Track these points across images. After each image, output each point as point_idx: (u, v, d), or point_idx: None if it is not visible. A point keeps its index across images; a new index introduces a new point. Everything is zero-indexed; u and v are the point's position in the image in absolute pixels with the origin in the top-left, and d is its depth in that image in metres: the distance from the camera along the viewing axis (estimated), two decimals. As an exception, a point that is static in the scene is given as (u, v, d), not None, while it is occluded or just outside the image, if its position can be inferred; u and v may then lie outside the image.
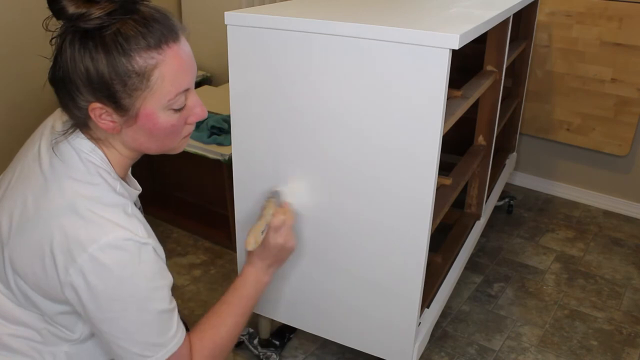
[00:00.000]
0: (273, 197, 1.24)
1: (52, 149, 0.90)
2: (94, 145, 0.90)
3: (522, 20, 2.23)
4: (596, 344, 1.69)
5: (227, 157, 1.88)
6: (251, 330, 1.60)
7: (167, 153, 0.98)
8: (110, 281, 0.84)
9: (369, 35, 1.09)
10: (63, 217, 0.85)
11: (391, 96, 1.12)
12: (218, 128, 2.01)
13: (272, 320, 1.58)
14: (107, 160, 0.92)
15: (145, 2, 0.86)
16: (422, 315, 1.42)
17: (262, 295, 1.17)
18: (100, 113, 0.85)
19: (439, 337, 1.69)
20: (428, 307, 1.46)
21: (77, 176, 0.88)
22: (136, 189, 1.03)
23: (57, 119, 0.96)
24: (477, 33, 1.16)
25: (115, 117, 0.86)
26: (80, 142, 0.90)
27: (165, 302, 0.91)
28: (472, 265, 2.04)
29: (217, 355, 1.05)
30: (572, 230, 2.31)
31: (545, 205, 2.50)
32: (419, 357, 1.41)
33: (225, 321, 1.10)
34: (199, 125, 2.06)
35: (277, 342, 1.60)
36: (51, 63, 0.86)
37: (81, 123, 0.89)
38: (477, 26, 1.15)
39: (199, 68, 2.96)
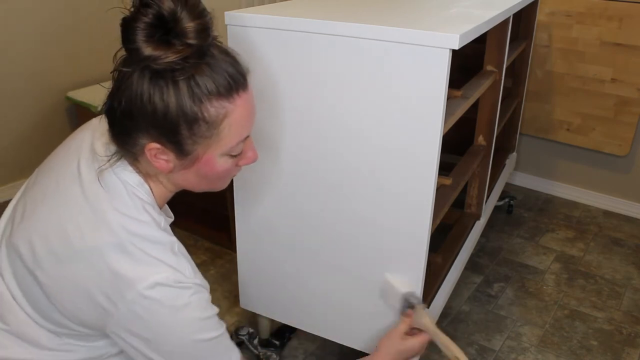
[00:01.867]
0: (415, 303, 1.20)
1: (97, 177, 0.86)
2: (141, 179, 0.87)
3: (522, 20, 2.23)
4: (596, 344, 1.69)
5: (227, 157, 1.87)
6: (251, 330, 1.60)
7: (211, 191, 0.97)
8: (161, 315, 0.82)
9: (369, 35, 1.09)
10: (112, 255, 0.82)
11: (391, 96, 1.12)
12: (218, 128, 2.01)
13: (272, 320, 1.58)
14: (152, 195, 0.89)
15: (217, 43, 0.82)
16: (422, 315, 1.42)
17: None
18: (156, 153, 0.83)
19: (439, 337, 1.69)
20: (428, 307, 1.46)
21: (124, 210, 0.84)
22: (169, 216, 1.01)
23: (97, 139, 0.92)
24: (477, 33, 1.16)
25: (172, 158, 0.84)
26: (128, 175, 0.87)
27: (215, 330, 0.89)
28: (472, 265, 2.04)
29: None
30: (572, 230, 2.31)
31: (545, 205, 2.50)
32: (419, 357, 1.41)
33: None
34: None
35: (277, 342, 1.60)
36: (109, 93, 0.82)
37: (130, 156, 0.86)
38: (477, 26, 1.15)
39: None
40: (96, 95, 2.40)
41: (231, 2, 2.68)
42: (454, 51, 1.05)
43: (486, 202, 1.91)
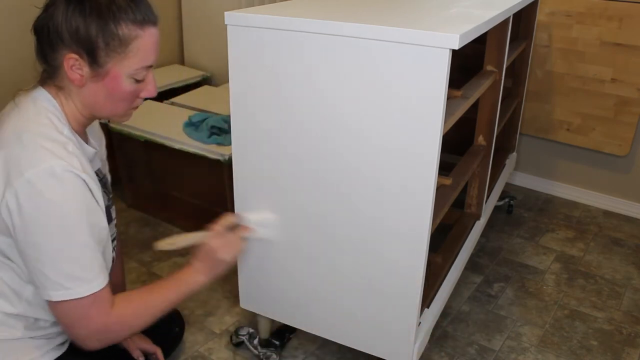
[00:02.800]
0: (234, 218, 1.27)
1: (14, 100, 1.02)
2: (50, 96, 1.01)
3: (522, 20, 2.23)
4: (596, 344, 1.69)
5: (227, 157, 1.88)
6: (251, 330, 1.60)
7: (113, 119, 1.12)
8: (40, 204, 0.92)
9: (369, 35, 1.09)
10: (8, 147, 0.95)
11: (391, 96, 1.12)
12: (218, 128, 2.01)
13: (272, 320, 1.58)
14: (60, 108, 1.02)
15: None
16: (422, 315, 1.42)
17: (194, 290, 1.21)
18: (73, 64, 0.97)
19: (439, 337, 1.69)
20: (428, 307, 1.46)
21: (26, 116, 0.99)
22: (93, 147, 1.11)
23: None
24: (477, 33, 1.16)
25: (86, 70, 0.98)
26: (39, 92, 1.02)
27: (90, 237, 0.98)
28: (472, 265, 2.04)
29: (132, 324, 1.09)
30: (572, 230, 2.31)
31: (545, 205, 2.50)
32: (419, 357, 1.41)
33: (155, 291, 1.14)
34: (198, 125, 2.06)
35: (277, 342, 1.60)
36: (40, 12, 0.97)
37: (50, 71, 1.01)
38: (477, 26, 1.15)
39: (199, 68, 2.95)
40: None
41: (231, 2, 2.68)
42: (454, 51, 1.05)
43: (486, 202, 1.91)
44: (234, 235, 1.24)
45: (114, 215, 1.19)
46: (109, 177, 1.23)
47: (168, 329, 1.51)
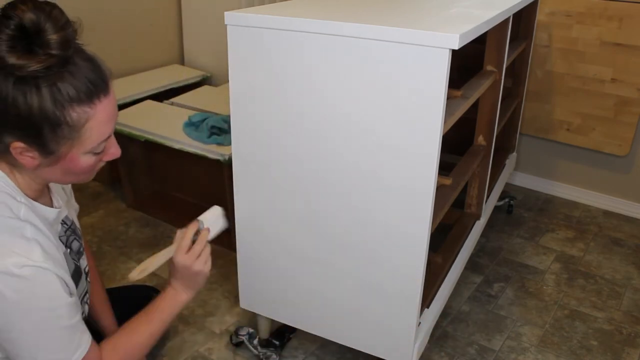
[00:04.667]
0: (192, 227, 1.23)
1: None
2: (1, 173, 0.92)
3: (522, 20, 2.23)
4: (596, 344, 1.69)
5: (227, 157, 1.88)
6: (251, 330, 1.60)
7: (76, 182, 1.03)
8: (6, 307, 0.86)
9: (369, 35, 1.09)
10: None
11: (391, 96, 1.12)
12: (218, 128, 2.01)
13: (272, 320, 1.58)
14: (12, 184, 0.93)
15: (80, 49, 0.88)
16: (422, 315, 1.42)
17: (178, 311, 1.19)
18: (21, 151, 0.88)
19: (439, 337, 1.69)
20: (428, 307, 1.46)
21: None
22: (55, 206, 1.05)
23: None
24: (477, 33, 1.16)
25: (37, 156, 0.89)
26: None
27: (64, 319, 0.94)
28: (472, 265, 2.04)
29: None
30: (572, 230, 2.31)
31: (545, 205, 2.50)
32: (419, 357, 1.41)
33: (140, 330, 1.12)
34: (198, 125, 2.06)
35: (277, 342, 1.60)
36: None
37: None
38: (477, 26, 1.15)
39: (199, 68, 2.96)
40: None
41: (231, 2, 2.68)
42: (454, 51, 1.05)
43: (486, 202, 1.91)
44: (199, 243, 1.20)
45: (84, 264, 1.14)
46: (76, 219, 1.18)
47: (146, 294, 1.53)
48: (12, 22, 0.81)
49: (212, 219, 1.26)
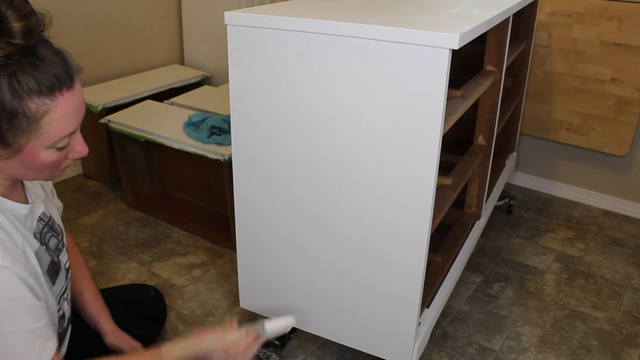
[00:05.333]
0: (249, 326, 1.16)
1: None
2: None
3: (522, 20, 2.23)
4: (596, 344, 1.69)
5: (227, 157, 1.88)
6: (251, 330, 1.60)
7: (42, 180, 1.00)
8: None
9: (369, 35, 1.09)
10: None
11: (391, 96, 1.12)
12: (218, 128, 2.01)
13: (272, 320, 1.58)
14: None
15: (45, 42, 0.86)
16: (422, 315, 1.42)
17: None
18: None
19: (439, 337, 1.69)
20: (428, 307, 1.46)
21: None
22: (28, 199, 1.02)
23: None
24: (477, 33, 1.16)
25: None
26: None
27: (23, 323, 0.90)
28: (472, 265, 2.04)
29: None
30: (572, 230, 2.31)
31: (545, 205, 2.50)
32: (419, 357, 1.41)
33: None
34: (198, 125, 2.06)
35: (277, 342, 1.60)
36: None
37: None
38: (477, 26, 1.15)
39: (199, 68, 2.96)
40: (97, 95, 2.39)
41: (231, 2, 2.68)
42: (454, 51, 1.05)
43: (486, 202, 1.91)
44: (248, 343, 1.11)
45: (64, 260, 1.12)
46: (56, 216, 1.15)
47: (143, 292, 1.53)
48: None
49: (278, 330, 1.17)
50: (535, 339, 1.70)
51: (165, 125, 2.12)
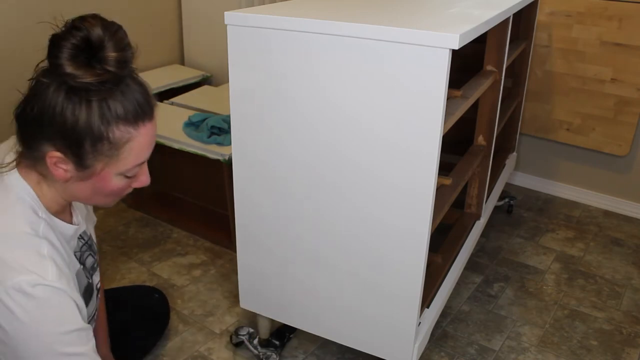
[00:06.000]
0: None
1: None
2: (28, 185, 0.92)
3: (522, 20, 2.23)
4: (596, 344, 1.69)
5: (227, 157, 1.88)
6: (251, 330, 1.60)
7: (101, 206, 1.01)
8: (14, 324, 0.84)
9: (369, 35, 1.09)
10: None
11: (391, 96, 1.12)
12: (218, 128, 2.01)
13: (272, 320, 1.58)
14: (36, 198, 0.93)
15: (135, 75, 0.90)
16: (422, 315, 1.42)
17: None
18: (57, 161, 0.89)
19: (439, 337, 1.69)
20: (428, 307, 1.46)
21: None
22: (74, 222, 1.04)
23: (6, 153, 0.97)
24: (477, 33, 1.16)
25: (71, 168, 0.90)
26: (15, 179, 0.92)
27: (73, 346, 0.90)
28: (472, 265, 2.04)
29: None
30: (572, 230, 2.31)
31: (545, 205, 2.50)
32: (419, 357, 1.41)
33: None
34: (198, 125, 2.06)
35: (277, 342, 1.60)
36: (23, 98, 0.89)
37: (31, 157, 0.91)
38: (477, 26, 1.15)
39: (199, 68, 2.96)
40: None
41: (231, 2, 2.68)
42: (454, 51, 1.05)
43: (486, 202, 1.91)
44: None
45: (96, 280, 1.13)
46: (93, 234, 1.17)
47: (148, 294, 1.53)
48: (79, 34, 0.84)
49: None
50: (535, 339, 1.70)
51: (165, 125, 2.12)
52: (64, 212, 1.00)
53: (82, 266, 1.05)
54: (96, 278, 1.13)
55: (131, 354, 1.45)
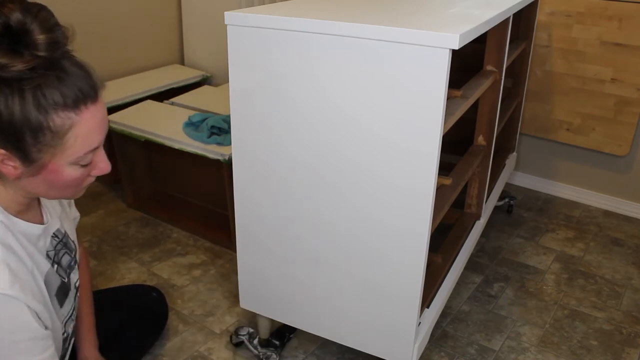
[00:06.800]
0: None
1: None
2: None
3: (522, 20, 2.23)
4: (596, 344, 1.69)
5: (227, 157, 1.88)
6: (251, 330, 1.60)
7: (63, 199, 0.97)
8: None
9: (369, 35, 1.09)
10: None
11: (391, 96, 1.12)
12: (218, 128, 2.01)
13: (272, 320, 1.58)
14: None
15: (69, 55, 0.84)
16: (422, 315, 1.42)
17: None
18: (3, 159, 0.84)
19: (439, 337, 1.69)
20: (428, 307, 1.46)
21: None
22: (45, 222, 1.00)
23: None
24: (477, 33, 1.16)
25: (19, 165, 0.85)
26: None
27: (26, 355, 0.87)
28: (472, 265, 2.04)
29: None
30: (572, 230, 2.31)
31: (545, 205, 2.50)
32: (419, 357, 1.41)
33: None
34: (198, 125, 2.06)
35: (277, 342, 1.60)
36: None
37: None
38: (477, 26, 1.15)
39: (199, 68, 2.96)
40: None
41: (231, 2, 2.68)
42: (454, 51, 1.05)
43: (486, 202, 1.91)
44: None
45: (74, 279, 1.10)
46: (72, 231, 1.13)
47: (146, 293, 1.52)
48: None
49: None
50: (535, 339, 1.70)
51: (165, 125, 2.12)
52: (28, 211, 0.96)
53: (56, 266, 1.02)
54: (74, 276, 1.09)
55: (129, 353, 1.45)
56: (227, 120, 2.03)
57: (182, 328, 1.69)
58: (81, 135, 0.85)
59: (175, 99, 2.44)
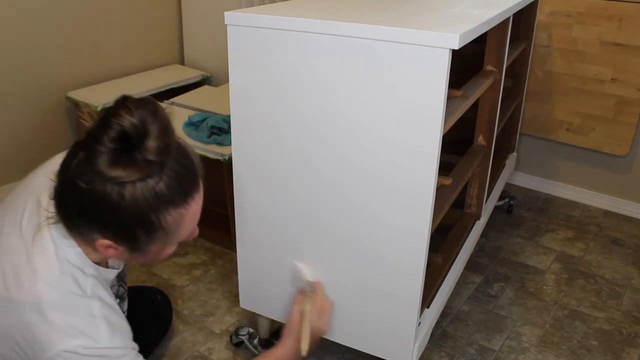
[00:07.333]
0: (304, 290, 1.34)
1: (33, 233, 0.89)
2: (77, 249, 0.90)
3: (522, 20, 2.23)
4: (596, 344, 1.69)
5: (227, 157, 1.88)
6: (251, 330, 1.60)
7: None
8: None
9: (369, 35, 1.09)
10: (30, 315, 0.85)
11: (391, 96, 1.12)
12: (218, 128, 2.01)
13: (272, 320, 1.58)
14: (82, 254, 0.91)
15: (177, 145, 0.83)
16: (422, 315, 1.42)
17: None
18: (107, 246, 0.85)
19: (439, 337, 1.69)
20: (428, 307, 1.46)
21: (48, 279, 0.86)
22: (116, 267, 1.03)
23: (45, 191, 0.93)
24: (477, 33, 1.16)
25: (123, 250, 0.87)
26: (61, 238, 0.89)
27: None
28: (472, 265, 2.04)
29: None
30: (572, 230, 2.31)
31: (545, 205, 2.50)
32: (419, 357, 1.41)
33: None
34: (198, 125, 2.06)
35: (277, 342, 1.60)
36: (57, 188, 0.83)
37: (79, 235, 0.88)
38: (477, 26, 1.15)
39: (199, 68, 2.96)
40: (96, 95, 2.39)
41: (231, 2, 2.68)
42: (454, 51, 1.05)
43: (486, 202, 1.91)
44: (318, 302, 1.29)
45: (124, 308, 1.14)
46: (125, 268, 1.17)
47: (150, 296, 1.53)
48: (112, 132, 0.76)
49: (308, 274, 1.36)
50: (535, 339, 1.70)
51: (165, 125, 2.11)
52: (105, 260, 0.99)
53: (118, 300, 1.05)
54: (124, 306, 1.14)
55: None
56: (227, 120, 2.03)
57: (182, 328, 1.69)
58: (187, 222, 0.88)
59: (175, 99, 2.44)
